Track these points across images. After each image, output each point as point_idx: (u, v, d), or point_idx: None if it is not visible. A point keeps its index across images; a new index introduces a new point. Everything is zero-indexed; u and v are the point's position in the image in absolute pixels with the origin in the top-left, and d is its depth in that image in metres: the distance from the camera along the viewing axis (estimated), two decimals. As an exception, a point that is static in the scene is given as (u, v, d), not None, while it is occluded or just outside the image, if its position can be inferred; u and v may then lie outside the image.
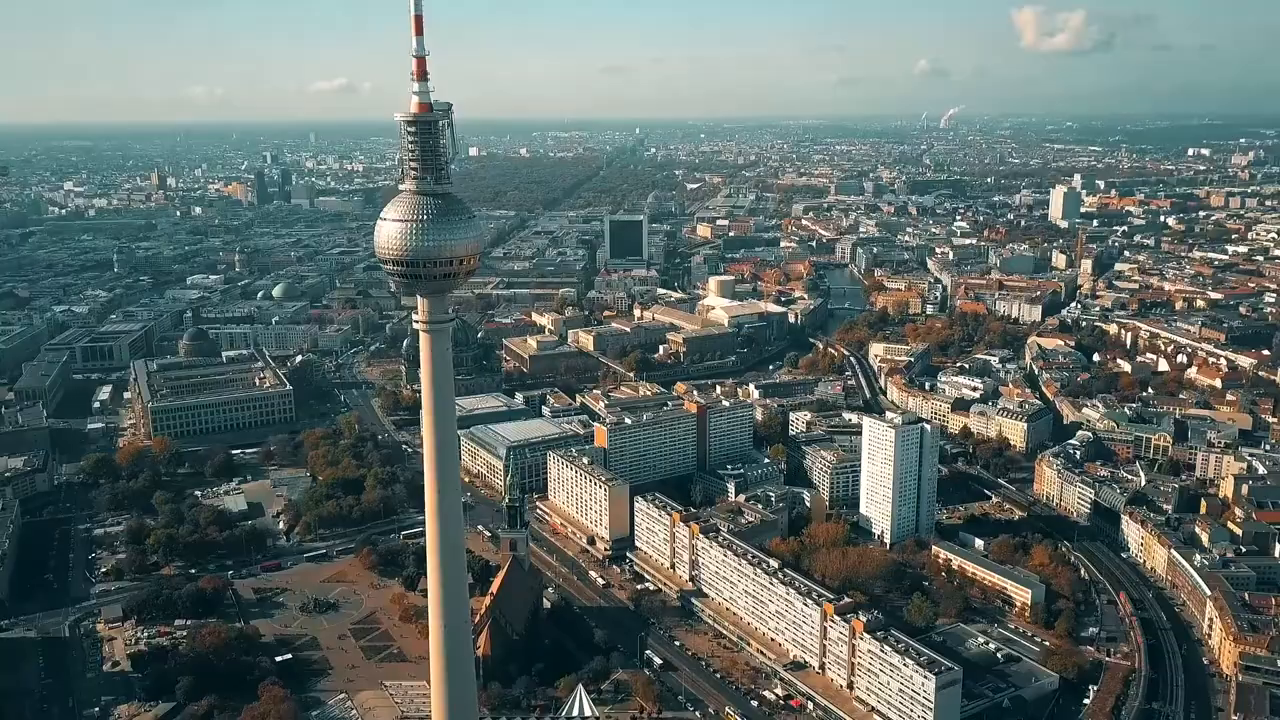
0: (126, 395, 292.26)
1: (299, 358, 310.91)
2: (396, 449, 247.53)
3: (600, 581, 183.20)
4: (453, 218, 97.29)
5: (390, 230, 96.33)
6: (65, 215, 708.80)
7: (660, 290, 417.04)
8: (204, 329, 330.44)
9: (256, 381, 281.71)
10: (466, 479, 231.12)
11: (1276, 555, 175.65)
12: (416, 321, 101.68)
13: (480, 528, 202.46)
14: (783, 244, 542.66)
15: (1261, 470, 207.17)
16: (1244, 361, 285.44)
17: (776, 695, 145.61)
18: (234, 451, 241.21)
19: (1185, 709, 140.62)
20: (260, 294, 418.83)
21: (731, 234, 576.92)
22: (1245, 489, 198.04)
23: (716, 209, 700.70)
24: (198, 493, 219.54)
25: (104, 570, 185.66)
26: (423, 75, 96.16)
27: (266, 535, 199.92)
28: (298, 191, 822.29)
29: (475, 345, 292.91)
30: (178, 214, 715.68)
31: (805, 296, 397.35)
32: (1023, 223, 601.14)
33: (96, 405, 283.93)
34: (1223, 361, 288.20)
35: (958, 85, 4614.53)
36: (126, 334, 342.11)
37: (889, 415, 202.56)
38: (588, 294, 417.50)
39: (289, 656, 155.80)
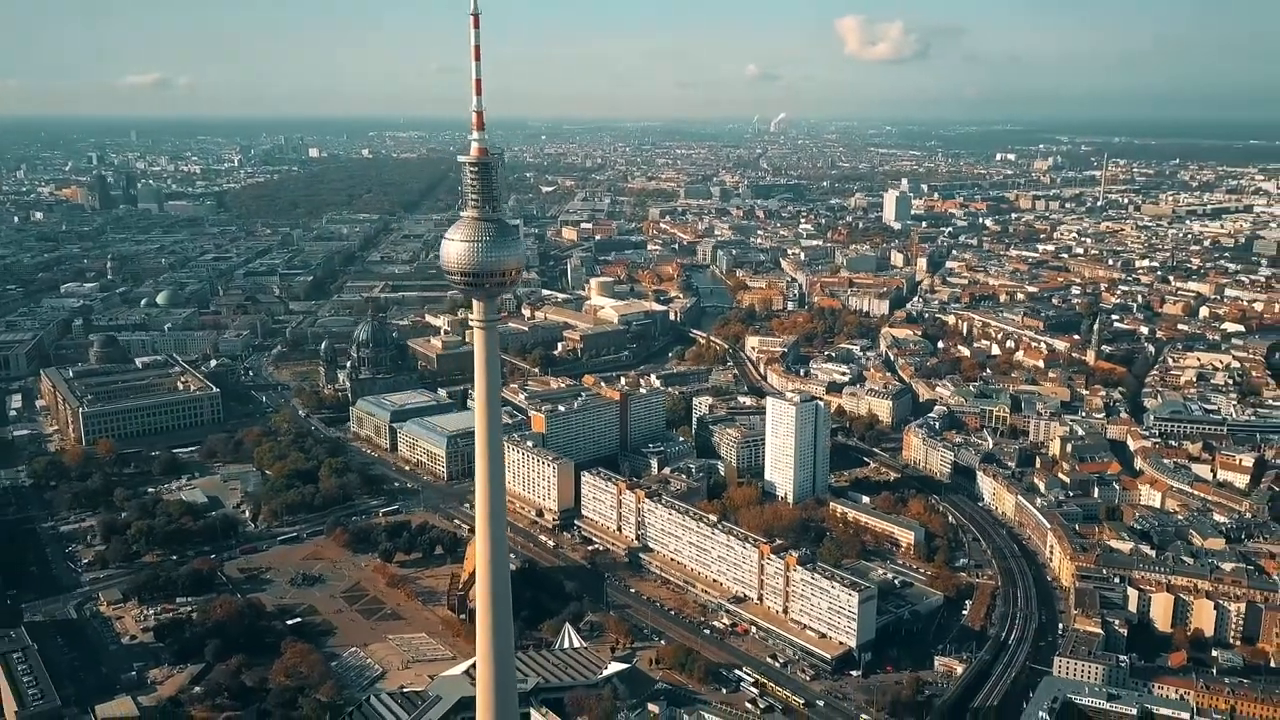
0: (40, 403, 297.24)
1: (213, 362, 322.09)
2: (335, 443, 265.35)
3: (552, 545, 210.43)
4: (506, 238, 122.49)
5: (458, 249, 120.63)
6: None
7: (545, 291, 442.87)
8: (113, 336, 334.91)
9: (179, 385, 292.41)
10: (408, 467, 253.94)
11: (1095, 496, 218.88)
12: (472, 321, 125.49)
13: (429, 507, 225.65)
14: (649, 247, 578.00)
15: (1081, 432, 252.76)
16: (1060, 345, 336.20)
17: (724, 624, 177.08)
18: (174, 451, 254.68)
19: (1038, 612, 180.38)
20: (143, 301, 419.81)
21: (597, 237, 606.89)
22: (1069, 447, 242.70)
23: (577, 212, 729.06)
24: (150, 490, 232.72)
25: (87, 561, 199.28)
26: (481, 126, 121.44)
27: (235, 523, 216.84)
28: (144, 195, 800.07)
29: (392, 345, 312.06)
30: (15, 219, 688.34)
31: (681, 295, 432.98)
32: (860, 224, 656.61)
33: (13, 413, 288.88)
34: (1043, 345, 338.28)
35: (786, 89, 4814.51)
36: (20, 343, 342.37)
37: (788, 394, 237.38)
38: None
39: (298, 620, 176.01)
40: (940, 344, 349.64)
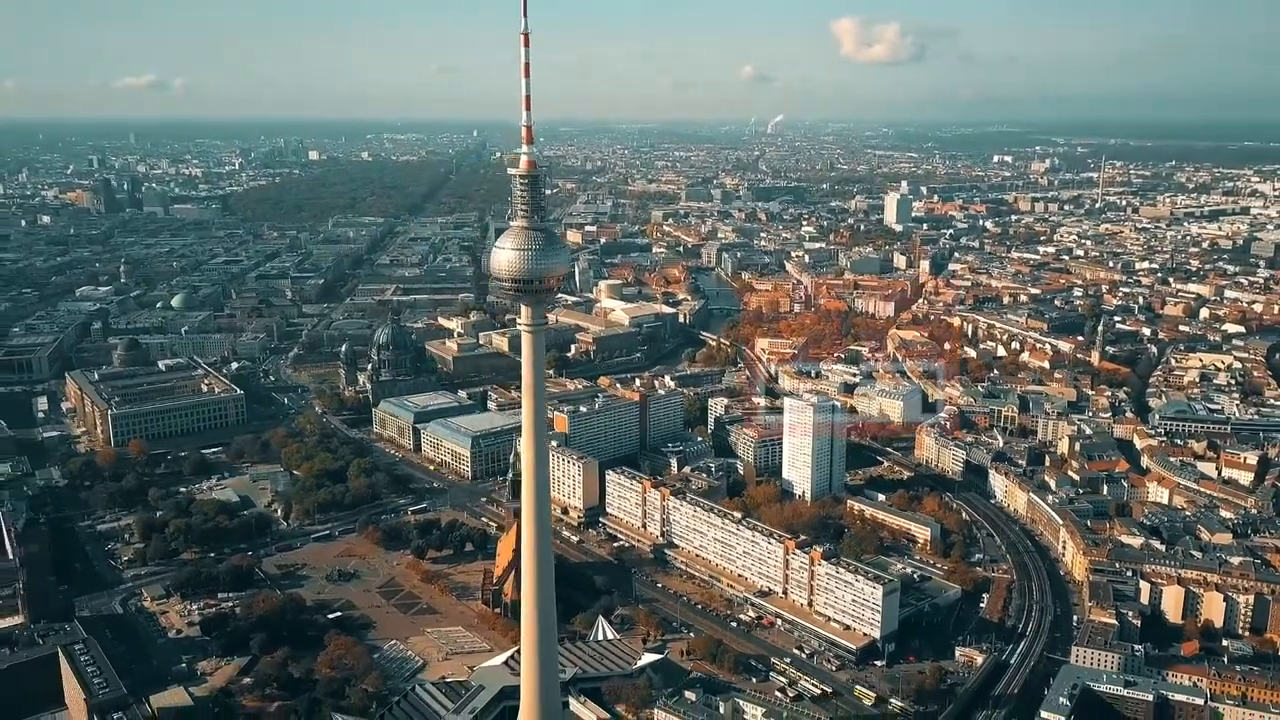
0: (66, 405, 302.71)
1: (234, 364, 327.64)
2: (360, 444, 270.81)
3: (578, 542, 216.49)
4: (553, 246, 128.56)
5: (509, 256, 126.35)
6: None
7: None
8: (136, 339, 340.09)
9: (203, 388, 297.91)
10: (432, 467, 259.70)
11: (1104, 493, 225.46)
12: (520, 324, 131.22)
13: (456, 506, 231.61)
14: (654, 249, 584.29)
15: (1088, 431, 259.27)
16: (1064, 346, 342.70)
17: (750, 617, 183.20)
18: (202, 452, 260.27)
19: (1053, 604, 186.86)
20: (159, 304, 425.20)
21: (602, 240, 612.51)
22: (1078, 446, 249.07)
23: (580, 215, 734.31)
24: (182, 489, 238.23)
25: (127, 558, 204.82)
26: (530, 140, 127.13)
27: (269, 521, 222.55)
28: (149, 199, 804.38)
29: (412, 348, 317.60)
30: (22, 223, 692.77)
31: (689, 298, 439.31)
32: (862, 227, 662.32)
33: (40, 415, 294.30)
34: (1047, 347, 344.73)
35: (782, 91, 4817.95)
36: (42, 346, 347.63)
37: (806, 395, 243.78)
38: (486, 298, 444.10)
39: (338, 614, 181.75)
40: (946, 345, 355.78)
